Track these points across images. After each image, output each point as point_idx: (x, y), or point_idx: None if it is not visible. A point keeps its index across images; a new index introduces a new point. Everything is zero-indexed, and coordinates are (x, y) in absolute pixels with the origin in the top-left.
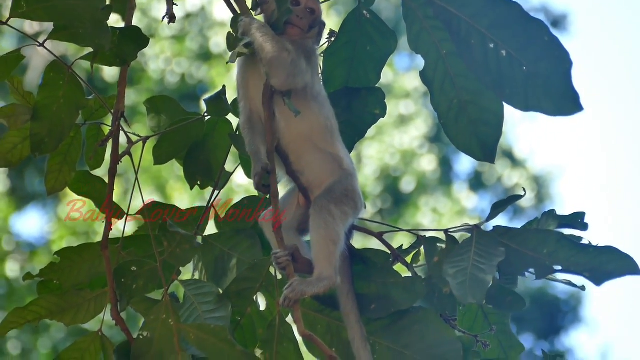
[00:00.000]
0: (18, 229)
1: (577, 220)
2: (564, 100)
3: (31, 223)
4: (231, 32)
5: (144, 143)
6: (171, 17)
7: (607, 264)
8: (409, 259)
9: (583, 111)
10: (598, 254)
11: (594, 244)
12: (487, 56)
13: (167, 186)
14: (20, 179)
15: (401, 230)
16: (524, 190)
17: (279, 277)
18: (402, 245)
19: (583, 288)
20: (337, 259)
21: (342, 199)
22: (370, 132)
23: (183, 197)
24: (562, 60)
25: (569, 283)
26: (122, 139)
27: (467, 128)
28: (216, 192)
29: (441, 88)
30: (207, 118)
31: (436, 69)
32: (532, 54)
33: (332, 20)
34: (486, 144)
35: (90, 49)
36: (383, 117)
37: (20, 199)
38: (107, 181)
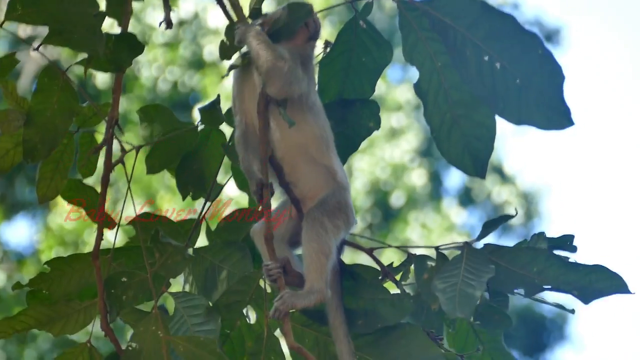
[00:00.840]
0: (6, 238)
1: (566, 242)
2: (555, 114)
3: (20, 232)
4: (224, 40)
5: (137, 152)
6: (168, 23)
7: (596, 282)
8: (398, 276)
9: (574, 125)
10: (587, 273)
11: (583, 262)
12: (481, 68)
13: (158, 196)
14: (10, 187)
15: (392, 246)
16: (516, 210)
17: (269, 290)
18: (392, 263)
19: (573, 311)
20: (329, 272)
21: (335, 212)
22: (362, 144)
23: (174, 208)
24: (555, 74)
25: (558, 306)
26: (115, 147)
27: (459, 142)
28: (208, 203)
29: (435, 101)
30: (200, 128)
31: (430, 81)
32: (526, 67)
33: (326, 31)
34: (478, 159)
35: (85, 55)
36: (377, 130)
37: (9, 207)
38: (98, 190)
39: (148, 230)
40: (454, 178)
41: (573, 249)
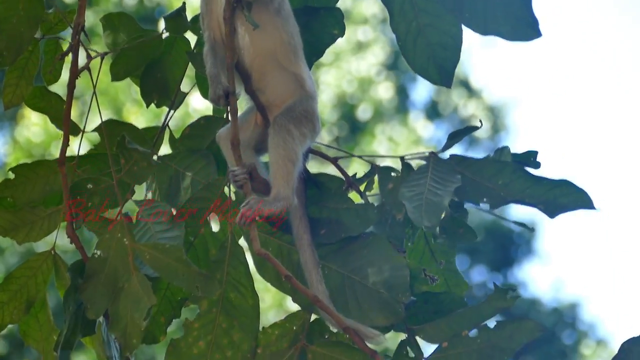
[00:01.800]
0: None
1: (530, 158)
2: (523, 25)
3: None
4: None
5: (102, 59)
6: None
7: (561, 197)
8: (362, 186)
9: (541, 37)
10: (552, 187)
11: (549, 177)
12: None
13: (124, 109)
14: None
15: (357, 156)
16: (481, 122)
17: (233, 197)
18: (356, 174)
19: (532, 229)
20: (295, 179)
21: (301, 120)
22: (328, 58)
23: (139, 121)
24: None
25: (519, 223)
26: (81, 56)
27: (425, 51)
28: (171, 111)
29: (401, 9)
30: (165, 36)
31: None
32: None
33: None
34: (443, 68)
35: None
36: (342, 36)
37: None
38: (64, 98)
39: (113, 137)
40: (421, 91)
41: (536, 165)
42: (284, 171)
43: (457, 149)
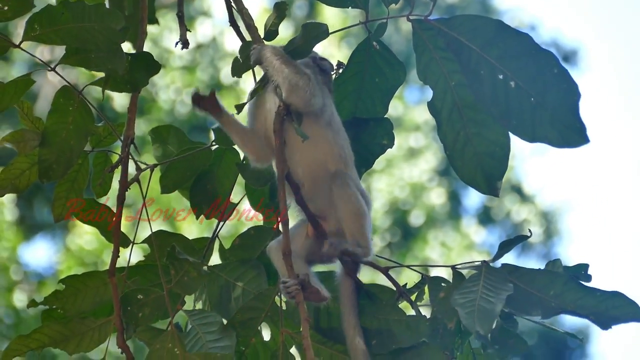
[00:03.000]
0: (26, 259)
1: (581, 271)
2: (570, 132)
3: (39, 253)
4: (237, 57)
5: (152, 171)
6: (184, 43)
7: (612, 309)
8: (413, 296)
9: (589, 143)
10: (604, 299)
11: (600, 288)
12: (495, 87)
13: (176, 217)
14: (29, 208)
15: (407, 266)
16: (530, 231)
17: (284, 307)
18: (406, 284)
19: (582, 340)
20: (370, 232)
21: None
22: (380, 165)
23: (192, 229)
24: (571, 92)
25: (568, 334)
26: (131, 167)
27: (472, 160)
28: (221, 223)
29: (448, 119)
30: (214, 147)
31: (444, 100)
32: (541, 85)
33: (343, 53)
34: (491, 177)
35: (101, 75)
36: (391, 147)
37: (28, 228)
38: (114, 209)
39: (163, 248)
40: (473, 197)
41: (588, 278)
42: (360, 223)
43: (509, 256)
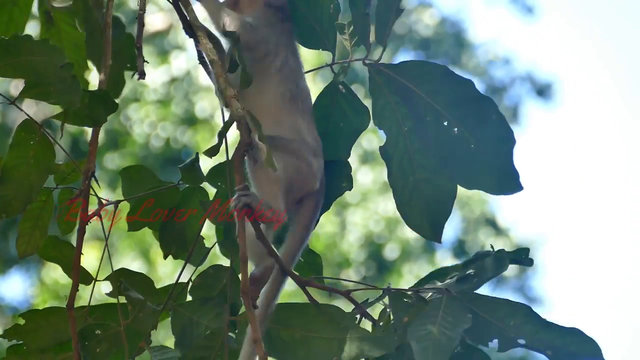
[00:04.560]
0: (1, 292)
1: (521, 256)
2: (504, 179)
3: (14, 286)
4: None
5: (116, 207)
6: (141, 74)
7: (571, 344)
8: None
9: (522, 190)
10: (562, 334)
11: (559, 323)
12: (440, 133)
13: (151, 251)
14: (4, 241)
15: (370, 287)
16: (492, 246)
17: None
18: (367, 299)
19: None
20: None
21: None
22: (355, 198)
23: (167, 263)
24: (506, 139)
25: None
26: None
27: (418, 206)
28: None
29: (399, 165)
30: (182, 187)
31: (397, 146)
32: (481, 132)
33: (318, 86)
34: (436, 223)
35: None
36: (349, 190)
37: (3, 261)
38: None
39: (131, 285)
40: (448, 231)
41: (530, 262)
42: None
43: (485, 288)
